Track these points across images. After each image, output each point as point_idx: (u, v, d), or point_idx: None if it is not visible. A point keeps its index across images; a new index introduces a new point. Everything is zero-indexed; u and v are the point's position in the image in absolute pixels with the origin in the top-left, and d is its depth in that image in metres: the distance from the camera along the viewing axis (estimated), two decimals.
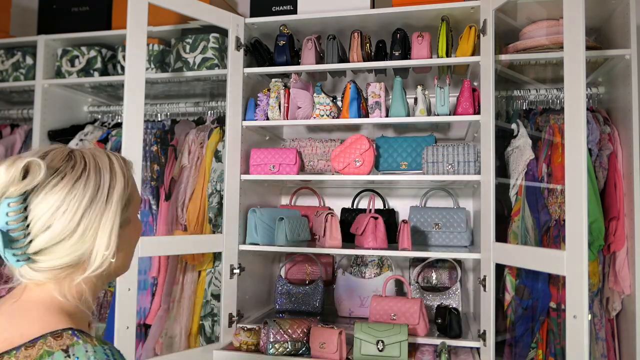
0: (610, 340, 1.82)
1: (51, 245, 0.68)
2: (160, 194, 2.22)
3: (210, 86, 2.38)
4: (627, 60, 1.75)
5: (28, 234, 0.67)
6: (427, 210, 2.18)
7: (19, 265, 0.68)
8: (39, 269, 0.69)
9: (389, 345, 1.64)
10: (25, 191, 0.66)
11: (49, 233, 0.67)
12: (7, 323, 0.67)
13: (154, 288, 2.20)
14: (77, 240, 0.69)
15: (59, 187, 0.68)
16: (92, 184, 0.71)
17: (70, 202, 0.68)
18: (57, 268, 0.69)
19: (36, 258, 0.68)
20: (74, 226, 0.69)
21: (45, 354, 0.63)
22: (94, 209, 0.70)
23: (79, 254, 0.70)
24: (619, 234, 1.77)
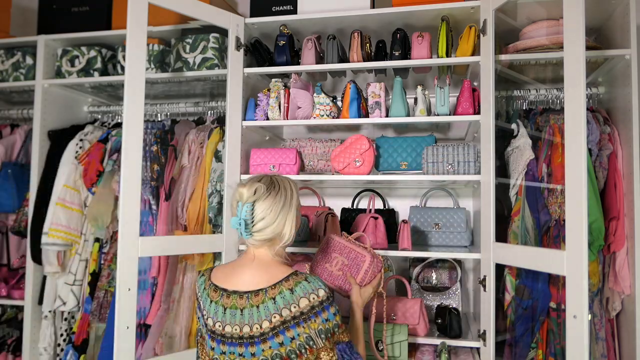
0: (610, 340, 1.82)
1: (263, 228, 1.26)
2: (160, 194, 2.22)
3: (210, 86, 2.38)
4: (627, 60, 1.75)
5: (252, 221, 1.25)
6: (427, 210, 2.18)
7: (247, 237, 1.26)
8: (257, 239, 1.27)
9: (388, 346, 1.63)
10: (254, 200, 1.26)
11: (263, 222, 1.25)
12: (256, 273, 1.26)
13: (154, 288, 2.20)
14: (276, 226, 1.27)
15: (269, 199, 1.26)
16: (283, 198, 1.29)
17: (272, 207, 1.26)
18: (264, 239, 1.27)
19: (255, 234, 1.26)
20: (274, 218, 1.26)
21: (297, 284, 1.20)
22: (285, 210, 1.28)
23: (275, 233, 1.28)
24: (619, 234, 1.77)
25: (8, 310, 2.62)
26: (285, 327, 1.17)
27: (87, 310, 2.26)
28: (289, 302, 1.18)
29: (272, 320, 1.18)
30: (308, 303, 1.18)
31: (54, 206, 2.25)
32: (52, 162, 2.35)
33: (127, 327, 1.69)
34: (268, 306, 1.19)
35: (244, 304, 1.22)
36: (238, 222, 1.24)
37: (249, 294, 1.22)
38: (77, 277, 2.29)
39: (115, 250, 2.16)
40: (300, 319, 1.17)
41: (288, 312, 1.17)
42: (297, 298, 1.18)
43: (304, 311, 1.17)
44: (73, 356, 2.26)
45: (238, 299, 1.23)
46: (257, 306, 1.20)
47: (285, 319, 1.17)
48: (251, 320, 1.20)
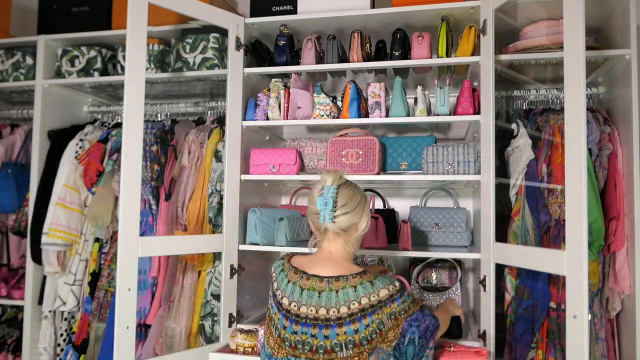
0: (610, 340, 1.82)
1: (343, 214, 1.32)
2: (160, 194, 2.22)
3: (210, 86, 2.38)
4: (627, 60, 1.75)
5: (336, 205, 1.32)
6: (427, 210, 2.18)
7: (329, 221, 1.32)
8: (336, 226, 1.32)
9: None
10: (339, 184, 1.34)
11: (344, 207, 1.32)
12: (334, 267, 1.32)
13: (154, 288, 2.20)
14: (355, 214, 1.34)
15: (350, 188, 1.36)
16: (361, 192, 1.39)
17: (353, 196, 1.35)
18: (343, 227, 1.33)
19: (335, 220, 1.32)
20: (355, 206, 1.34)
21: (375, 277, 1.27)
22: (362, 202, 1.37)
23: (353, 222, 1.34)
24: (619, 234, 1.77)
25: (8, 310, 2.62)
26: (362, 315, 1.22)
27: (87, 310, 2.26)
28: (369, 292, 1.24)
29: (351, 307, 1.23)
30: (387, 292, 1.25)
31: (54, 206, 2.25)
32: (52, 162, 2.35)
33: (127, 327, 1.69)
34: (348, 293, 1.24)
35: (323, 287, 1.27)
36: (324, 202, 1.31)
37: (330, 279, 1.28)
38: (77, 277, 2.29)
39: (115, 250, 2.16)
40: (377, 307, 1.23)
41: (367, 301, 1.23)
42: (378, 289, 1.25)
43: (382, 299, 1.24)
44: (73, 356, 2.26)
45: (318, 281, 1.29)
46: (336, 291, 1.25)
47: (364, 306, 1.23)
48: (328, 304, 1.24)
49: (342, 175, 1.37)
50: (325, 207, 1.31)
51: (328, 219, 1.31)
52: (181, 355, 1.92)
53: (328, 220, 1.31)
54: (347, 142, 2.01)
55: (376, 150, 1.98)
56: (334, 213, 1.31)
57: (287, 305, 1.29)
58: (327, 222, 1.31)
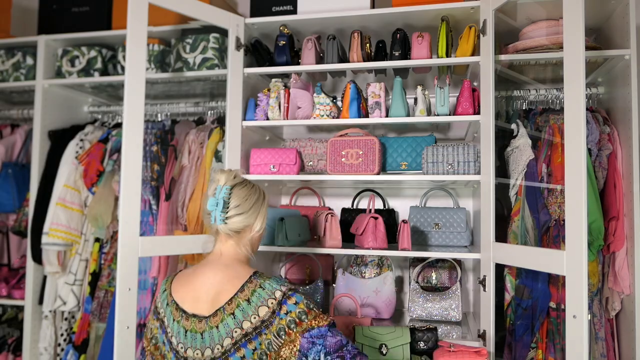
0: (609, 340, 1.82)
1: (236, 215, 1.25)
2: (161, 194, 2.22)
3: (210, 86, 2.38)
4: (627, 60, 1.76)
5: (228, 206, 1.25)
6: (427, 210, 2.18)
7: (220, 223, 1.24)
8: (228, 227, 1.25)
9: (391, 349, 1.63)
10: (233, 185, 1.27)
11: (237, 208, 1.25)
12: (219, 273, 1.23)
13: (154, 288, 2.21)
14: (249, 216, 1.27)
15: (245, 189, 1.29)
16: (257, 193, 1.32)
17: (248, 197, 1.28)
18: (236, 228, 1.26)
19: (227, 221, 1.24)
20: (249, 207, 1.27)
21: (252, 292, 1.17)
22: (258, 203, 1.30)
23: (246, 223, 1.27)
24: (619, 234, 1.77)
25: (8, 310, 2.62)
26: (247, 340, 1.13)
27: (87, 310, 2.26)
28: (249, 314, 1.15)
29: (234, 335, 1.14)
30: (268, 310, 1.14)
31: (54, 206, 2.25)
32: (53, 162, 2.35)
33: (127, 327, 1.69)
34: (228, 323, 1.16)
35: (203, 328, 1.18)
36: (215, 202, 1.24)
37: (208, 318, 1.18)
38: (77, 277, 2.29)
39: (116, 250, 2.17)
40: (262, 327, 1.13)
41: (249, 324, 1.14)
42: (256, 308, 1.15)
43: (264, 319, 1.13)
44: (73, 356, 2.26)
45: (197, 322, 1.19)
46: (216, 327, 1.16)
47: (246, 331, 1.14)
48: (212, 343, 1.16)
49: (237, 175, 1.30)
50: (217, 208, 1.24)
51: (219, 220, 1.24)
52: None
53: (219, 222, 1.24)
54: (347, 142, 2.02)
55: (376, 150, 1.98)
56: (225, 214, 1.24)
57: (176, 346, 1.22)
58: (218, 223, 1.24)
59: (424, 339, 1.68)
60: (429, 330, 1.69)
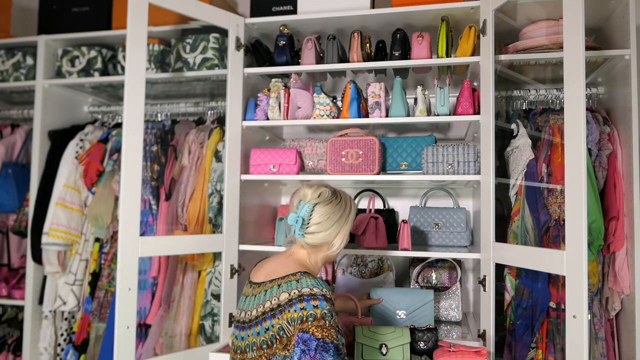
0: (609, 340, 1.82)
1: (315, 232, 1.32)
2: (161, 194, 2.22)
3: (210, 86, 2.38)
4: (627, 60, 1.76)
5: (308, 222, 1.32)
6: (427, 210, 2.18)
7: (299, 236, 1.33)
8: (307, 242, 1.33)
9: (391, 349, 1.63)
10: (316, 203, 1.33)
11: (317, 226, 1.32)
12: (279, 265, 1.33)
13: (154, 288, 2.21)
14: (327, 235, 1.33)
15: (329, 206, 1.33)
16: (342, 211, 1.35)
17: (330, 215, 1.33)
18: (313, 243, 1.33)
19: (307, 236, 1.32)
20: (328, 226, 1.33)
21: (288, 282, 1.24)
22: (340, 221, 1.35)
23: (324, 241, 1.33)
24: (619, 234, 1.77)
25: (8, 310, 2.62)
26: (263, 318, 1.23)
27: (87, 310, 2.26)
28: (273, 295, 1.24)
29: (259, 309, 1.25)
30: (287, 297, 1.20)
31: (54, 206, 2.25)
32: (53, 162, 2.35)
33: (127, 327, 1.69)
34: (260, 297, 1.27)
35: (259, 291, 1.30)
36: (295, 219, 1.31)
37: (256, 285, 1.32)
38: (77, 277, 2.29)
39: (116, 250, 2.17)
40: (277, 311, 1.20)
41: (269, 305, 1.23)
42: (280, 292, 1.23)
43: (281, 303, 1.20)
44: (73, 356, 2.27)
45: (256, 287, 1.32)
46: (255, 295, 1.29)
47: (265, 310, 1.23)
48: (249, 307, 1.29)
49: (322, 193, 1.34)
50: (296, 224, 1.32)
51: (298, 234, 1.32)
52: (181, 355, 1.92)
53: (298, 235, 1.32)
54: (347, 142, 2.02)
55: (376, 150, 1.98)
56: (304, 231, 1.32)
57: (238, 315, 1.34)
58: (297, 236, 1.33)
59: (424, 339, 1.68)
60: (429, 330, 1.69)
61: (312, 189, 1.34)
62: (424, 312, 1.85)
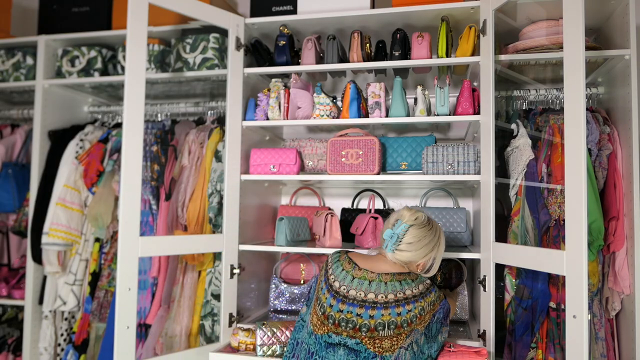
0: (609, 340, 1.82)
1: (405, 250, 1.46)
2: (161, 194, 2.22)
3: (210, 86, 2.38)
4: (627, 60, 1.76)
5: (400, 241, 1.46)
6: (427, 211, 2.18)
7: (390, 251, 1.47)
8: (396, 257, 1.47)
9: None
10: (411, 225, 1.48)
11: (408, 245, 1.46)
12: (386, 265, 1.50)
13: (154, 288, 2.21)
14: (416, 254, 1.47)
15: (422, 230, 1.49)
16: (433, 236, 1.50)
17: (422, 238, 1.48)
18: (402, 260, 1.47)
19: (396, 252, 1.46)
20: (419, 247, 1.47)
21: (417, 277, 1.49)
22: (428, 247, 1.48)
23: (411, 260, 1.48)
24: (619, 234, 1.77)
25: (8, 310, 2.62)
26: (406, 302, 1.40)
27: (87, 310, 2.26)
28: (412, 286, 1.43)
29: (397, 295, 1.41)
30: (425, 286, 1.46)
31: (54, 206, 2.25)
32: (53, 162, 2.35)
33: (127, 327, 1.69)
34: (395, 285, 1.42)
35: (373, 278, 1.44)
36: (391, 235, 1.47)
37: (381, 274, 1.44)
38: (77, 277, 2.29)
39: (116, 250, 2.17)
40: (419, 297, 1.42)
41: (411, 292, 1.42)
42: (417, 285, 1.45)
43: (422, 291, 1.44)
44: (73, 356, 2.27)
45: (369, 273, 1.45)
46: (385, 282, 1.42)
47: (408, 296, 1.41)
48: (377, 290, 1.41)
49: (419, 217, 1.50)
50: (390, 240, 1.47)
51: (390, 249, 1.47)
52: (181, 355, 1.92)
53: (389, 250, 1.47)
54: (347, 142, 2.02)
55: (376, 150, 1.98)
56: (396, 247, 1.46)
57: (338, 288, 1.44)
58: (388, 251, 1.47)
59: None
60: None
61: (411, 212, 1.50)
62: None
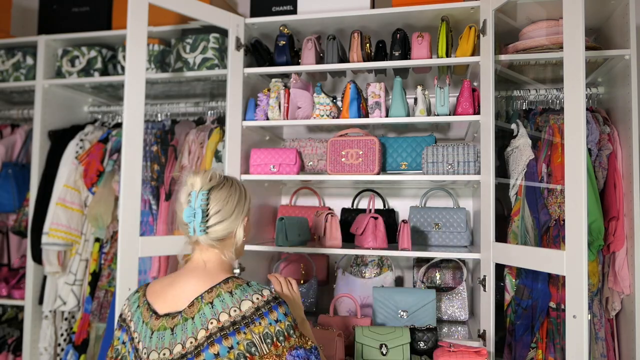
0: (609, 340, 1.82)
1: (218, 221, 1.12)
2: (161, 193, 2.22)
3: (210, 86, 2.38)
4: (627, 60, 1.76)
5: (207, 214, 1.11)
6: (427, 210, 2.18)
7: (201, 233, 1.11)
8: (211, 238, 1.12)
9: (391, 349, 1.63)
10: (210, 188, 1.12)
11: (219, 215, 1.12)
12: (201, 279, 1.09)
13: None
14: (232, 222, 1.14)
15: (225, 189, 1.14)
16: (239, 192, 1.17)
17: (229, 199, 1.14)
18: (218, 237, 1.13)
19: (209, 230, 1.11)
20: (230, 212, 1.14)
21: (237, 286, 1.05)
22: (240, 205, 1.16)
23: (230, 230, 1.14)
24: (619, 234, 1.77)
25: (8, 310, 2.62)
26: (222, 335, 0.99)
27: (87, 310, 2.26)
28: (229, 306, 1.01)
29: (209, 327, 1.00)
30: (252, 305, 1.01)
31: (54, 206, 2.25)
32: (53, 162, 2.35)
33: None
34: (205, 313, 1.02)
35: (175, 322, 1.04)
36: (192, 213, 1.09)
37: (182, 311, 1.05)
38: (77, 277, 2.29)
39: (116, 250, 2.17)
40: (241, 324, 0.99)
41: (227, 317, 1.00)
42: (239, 301, 1.02)
43: (246, 314, 1.00)
44: (73, 356, 2.26)
45: (170, 319, 1.05)
46: (192, 318, 1.02)
47: (223, 324, 1.00)
48: (184, 336, 1.01)
49: (213, 176, 1.15)
50: (194, 219, 1.10)
51: (199, 231, 1.10)
52: None
53: (200, 233, 1.10)
54: (347, 142, 2.02)
55: (376, 150, 1.98)
56: (205, 224, 1.11)
57: (141, 351, 1.06)
58: (198, 234, 1.11)
59: (424, 339, 1.68)
60: (429, 330, 1.69)
61: (200, 174, 1.14)
62: (426, 311, 1.85)
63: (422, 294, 1.87)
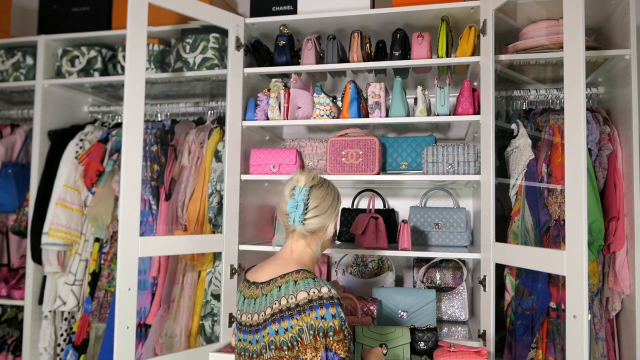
0: (610, 340, 1.82)
1: (314, 216, 1.29)
2: (161, 193, 2.22)
3: (210, 86, 2.38)
4: (627, 60, 1.76)
5: (306, 207, 1.28)
6: (427, 210, 2.18)
7: (299, 224, 1.28)
8: (305, 228, 1.28)
9: (392, 349, 1.63)
10: (312, 185, 1.30)
11: (316, 210, 1.29)
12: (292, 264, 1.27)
13: (154, 288, 2.20)
14: (325, 218, 1.31)
15: (323, 188, 1.32)
16: (333, 193, 1.36)
17: (325, 197, 1.31)
18: (312, 229, 1.29)
19: (306, 222, 1.28)
20: (325, 209, 1.31)
21: (304, 278, 1.19)
22: (334, 204, 1.33)
23: (323, 224, 1.31)
24: (619, 234, 1.77)
25: (8, 310, 2.62)
26: (280, 317, 1.16)
27: (87, 310, 2.26)
28: (289, 293, 1.17)
29: (273, 307, 1.18)
30: (306, 296, 1.15)
31: (54, 206, 2.25)
32: (52, 162, 2.35)
33: (127, 327, 1.69)
34: (273, 294, 1.20)
35: (257, 294, 1.25)
36: (295, 205, 1.27)
37: (263, 284, 1.25)
38: (77, 277, 2.29)
39: (115, 250, 2.17)
40: (294, 311, 1.15)
41: (285, 302, 1.17)
42: (297, 290, 1.17)
43: (299, 303, 1.15)
44: (73, 356, 2.26)
45: (255, 289, 1.27)
46: (266, 294, 1.22)
47: (282, 308, 1.17)
48: (260, 308, 1.22)
49: (315, 176, 1.33)
50: (296, 210, 1.27)
51: (298, 221, 1.27)
52: (181, 355, 1.92)
53: (298, 223, 1.27)
54: (347, 142, 2.02)
55: (376, 150, 1.98)
56: (304, 216, 1.28)
57: (239, 317, 1.30)
58: (296, 224, 1.28)
59: (424, 339, 1.68)
60: (429, 330, 1.69)
61: (305, 173, 1.32)
62: (426, 311, 1.85)
63: (422, 294, 1.87)
